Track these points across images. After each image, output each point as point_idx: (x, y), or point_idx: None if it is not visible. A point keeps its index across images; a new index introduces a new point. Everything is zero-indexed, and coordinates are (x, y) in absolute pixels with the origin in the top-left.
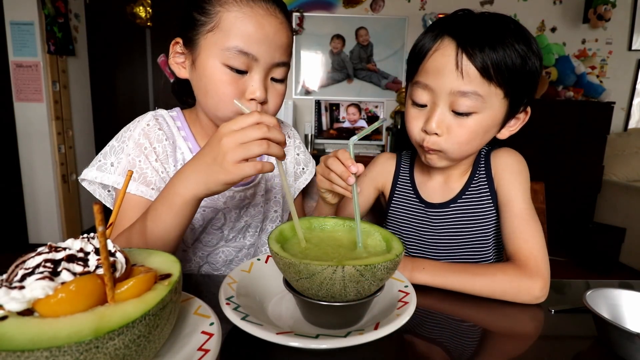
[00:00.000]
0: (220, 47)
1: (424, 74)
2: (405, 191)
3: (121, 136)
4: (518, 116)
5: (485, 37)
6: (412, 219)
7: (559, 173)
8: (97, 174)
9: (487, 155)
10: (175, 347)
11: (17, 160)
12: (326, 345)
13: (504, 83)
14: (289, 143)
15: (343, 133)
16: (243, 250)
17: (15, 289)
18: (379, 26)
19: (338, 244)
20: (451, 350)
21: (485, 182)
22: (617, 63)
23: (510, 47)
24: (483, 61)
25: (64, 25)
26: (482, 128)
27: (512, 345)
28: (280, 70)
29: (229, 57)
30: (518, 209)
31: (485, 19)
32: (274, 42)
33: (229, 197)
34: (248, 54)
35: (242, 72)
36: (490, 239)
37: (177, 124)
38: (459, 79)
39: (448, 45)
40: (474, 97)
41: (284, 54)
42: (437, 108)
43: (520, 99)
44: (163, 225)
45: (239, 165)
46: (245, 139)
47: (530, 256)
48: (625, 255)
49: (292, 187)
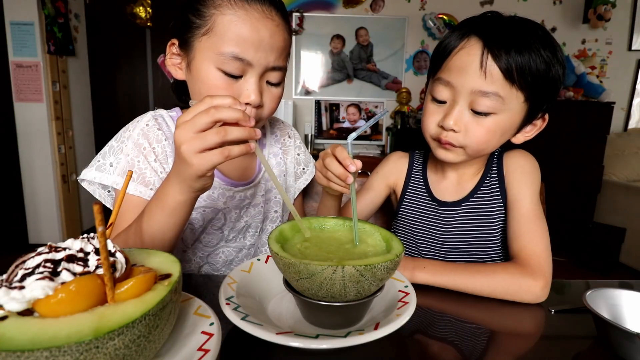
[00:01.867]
0: (214, 51)
1: (447, 71)
2: (418, 189)
3: (120, 136)
4: (535, 122)
5: (513, 39)
6: (424, 216)
7: (559, 173)
8: (96, 174)
9: (500, 156)
10: (175, 347)
11: (17, 161)
12: (326, 345)
13: (525, 87)
14: (289, 143)
15: (343, 133)
16: (243, 250)
17: (15, 289)
18: (379, 26)
19: (338, 244)
20: (451, 350)
21: (497, 182)
22: (617, 63)
23: (536, 52)
24: (507, 63)
25: (64, 25)
26: (499, 129)
27: (512, 345)
28: (276, 74)
29: (223, 61)
30: (525, 209)
31: (514, 22)
32: (269, 46)
33: (228, 197)
34: (243, 59)
35: (237, 76)
36: (499, 238)
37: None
38: (482, 78)
39: (474, 44)
40: (495, 98)
41: (279, 57)
42: (457, 105)
43: (540, 105)
44: (158, 226)
45: (202, 155)
46: (198, 127)
47: (533, 255)
48: (625, 255)
49: (293, 187)
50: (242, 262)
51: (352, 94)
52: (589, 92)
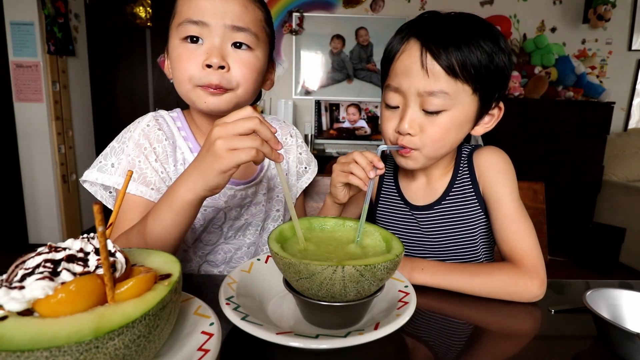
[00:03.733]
0: (176, 26)
1: (393, 76)
2: (391, 194)
3: (121, 137)
4: (492, 112)
5: (449, 36)
6: (399, 221)
7: (559, 173)
8: (98, 175)
9: (470, 155)
10: (175, 347)
11: (17, 161)
12: (326, 345)
13: (470, 79)
14: (291, 142)
15: (343, 133)
16: (243, 248)
17: (15, 289)
18: (379, 26)
19: (338, 244)
20: (451, 350)
21: (469, 182)
22: (617, 63)
23: (475, 44)
24: (447, 59)
25: (64, 25)
26: (454, 125)
27: (512, 345)
28: (241, 35)
29: (182, 30)
30: (507, 209)
31: (449, 19)
32: (226, 5)
33: (230, 195)
34: (197, 21)
35: (195, 39)
36: (477, 239)
37: (177, 124)
38: (425, 78)
39: (413, 46)
40: (442, 96)
41: (240, 16)
42: (408, 109)
43: (491, 94)
44: (163, 225)
45: (232, 152)
46: (238, 130)
47: (525, 255)
48: (625, 255)
49: (295, 186)
50: (241, 260)
51: (352, 94)
52: (589, 92)
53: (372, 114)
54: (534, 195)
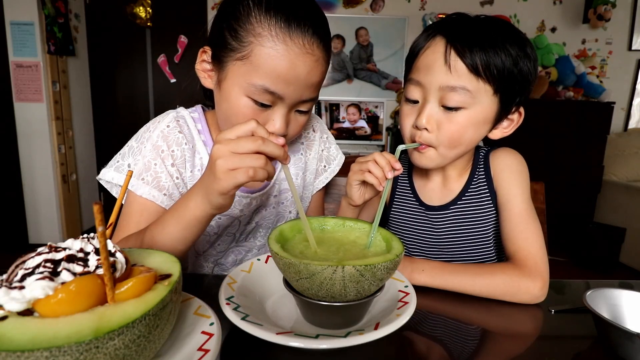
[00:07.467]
0: (247, 79)
1: (415, 71)
2: (405, 194)
3: (140, 137)
4: (511, 117)
5: (475, 37)
6: (413, 221)
7: (559, 173)
8: (114, 174)
9: (487, 156)
10: (175, 347)
11: (17, 161)
12: (326, 345)
13: (492, 80)
14: (312, 137)
15: (343, 133)
16: (253, 250)
17: (15, 289)
18: (379, 26)
19: (338, 244)
20: (451, 350)
21: (485, 182)
22: (617, 63)
23: (501, 47)
24: (471, 58)
25: (64, 25)
26: (471, 124)
27: (512, 346)
28: (307, 105)
29: (254, 92)
30: (517, 209)
31: (478, 21)
32: (304, 82)
33: (245, 204)
34: (274, 93)
35: (266, 105)
36: (491, 239)
37: (197, 126)
38: (448, 74)
39: (439, 42)
40: (463, 92)
41: (314, 91)
42: (427, 104)
43: (512, 98)
44: (169, 237)
45: (230, 173)
46: (239, 150)
47: (529, 256)
48: (625, 255)
49: (311, 185)
50: None
51: (352, 94)
52: (589, 92)
53: (372, 114)
54: (534, 195)
